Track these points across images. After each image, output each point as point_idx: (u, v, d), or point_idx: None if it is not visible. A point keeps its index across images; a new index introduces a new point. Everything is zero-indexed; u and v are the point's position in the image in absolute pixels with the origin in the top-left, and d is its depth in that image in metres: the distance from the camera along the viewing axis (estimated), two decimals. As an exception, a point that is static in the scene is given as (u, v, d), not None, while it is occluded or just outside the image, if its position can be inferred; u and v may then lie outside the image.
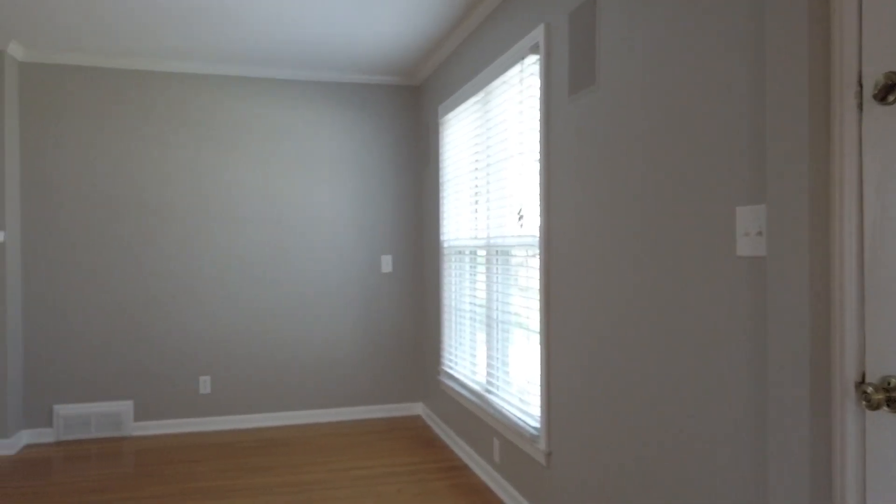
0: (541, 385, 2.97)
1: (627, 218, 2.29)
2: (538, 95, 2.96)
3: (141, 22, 3.92)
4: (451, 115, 4.29)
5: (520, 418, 3.19)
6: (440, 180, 4.61)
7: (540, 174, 2.93)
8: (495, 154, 3.53)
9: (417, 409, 5.23)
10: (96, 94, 4.62)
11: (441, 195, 4.60)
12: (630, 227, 2.27)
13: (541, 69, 2.90)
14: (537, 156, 3.00)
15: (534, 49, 2.99)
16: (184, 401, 4.78)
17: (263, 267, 4.92)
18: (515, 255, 3.30)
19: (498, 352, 3.54)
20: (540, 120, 2.91)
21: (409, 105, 5.21)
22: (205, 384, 4.81)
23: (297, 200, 4.99)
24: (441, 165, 4.58)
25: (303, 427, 4.88)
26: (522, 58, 3.09)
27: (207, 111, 4.81)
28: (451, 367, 4.38)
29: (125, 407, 4.67)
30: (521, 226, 3.19)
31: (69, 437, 4.57)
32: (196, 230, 4.80)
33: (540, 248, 2.94)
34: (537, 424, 3.04)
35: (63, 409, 4.56)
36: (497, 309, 3.56)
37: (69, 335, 4.59)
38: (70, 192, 4.58)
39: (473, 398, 3.81)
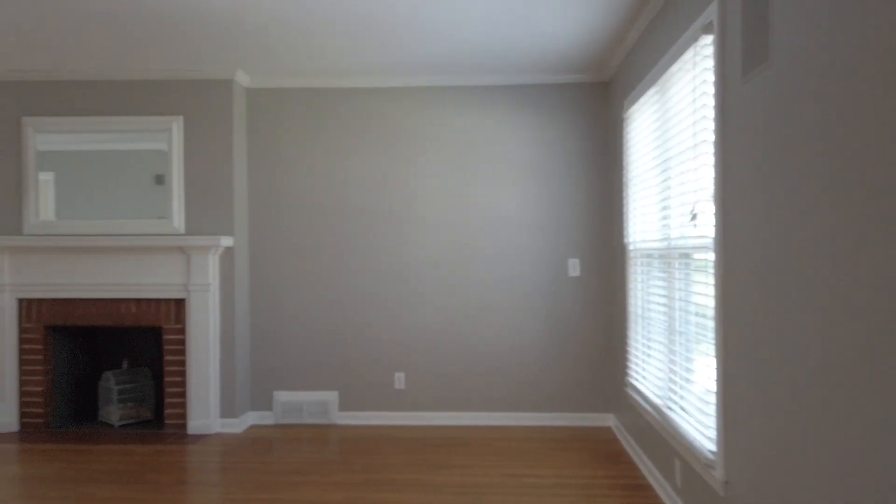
0: (717, 404, 2.64)
1: (805, 215, 1.93)
2: (712, 80, 2.64)
3: (344, 45, 4.26)
4: (633, 109, 4.02)
5: (697, 440, 2.87)
6: (624, 179, 4.35)
7: (714, 167, 2.61)
8: (673, 147, 3.23)
9: (608, 420, 4.98)
10: (309, 112, 5.12)
11: (625, 195, 4.33)
12: (808, 227, 1.92)
13: (714, 50, 2.58)
14: (711, 147, 2.68)
15: (707, 28, 2.67)
16: (380, 395, 5.09)
17: (454, 270, 5.06)
18: (694, 259, 2.98)
19: (678, 365, 3.23)
20: (714, 107, 2.59)
21: (597, 102, 5.00)
22: (399, 380, 5.07)
23: (484, 204, 5.05)
24: (625, 163, 4.32)
25: (486, 428, 4.91)
26: (696, 39, 2.78)
27: (402, 121, 5.08)
28: (636, 379, 4.10)
29: (332, 397, 5.10)
30: (695, 226, 2.87)
31: (285, 420, 5.12)
32: (395, 235, 5.08)
33: (715, 251, 2.62)
34: (714, 448, 2.70)
35: (281, 396, 5.12)
36: (678, 318, 3.25)
37: (287, 330, 5.13)
38: (288, 201, 5.13)
39: (655, 414, 3.52)
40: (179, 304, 4.87)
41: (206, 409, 4.83)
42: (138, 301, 4.89)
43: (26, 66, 4.78)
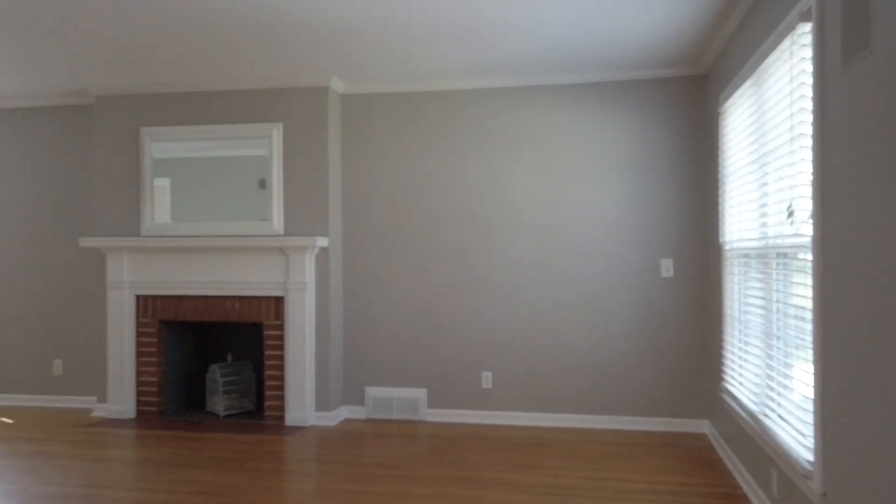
0: (815, 412, 2.50)
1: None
2: (810, 70, 2.51)
3: (433, 49, 4.36)
4: (729, 103, 3.87)
5: (794, 449, 2.73)
6: (719, 176, 4.19)
7: (812, 162, 2.47)
8: (770, 142, 3.09)
9: (703, 426, 4.80)
10: (400, 115, 5.25)
11: (721, 192, 4.17)
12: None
13: (813, 38, 2.45)
14: (809, 141, 2.55)
15: (805, 16, 2.54)
16: (468, 393, 5.14)
17: (542, 270, 5.04)
18: (793, 259, 2.84)
19: (775, 370, 3.08)
20: (812, 98, 2.46)
21: (691, 97, 4.83)
22: (486, 379, 5.11)
23: (574, 204, 4.99)
24: (720, 159, 4.16)
25: (574, 430, 4.85)
26: (793, 28, 2.65)
27: (490, 122, 5.12)
28: (731, 384, 3.93)
29: (420, 394, 5.21)
30: (791, 223, 2.73)
31: (376, 415, 5.27)
32: (483, 235, 5.13)
33: (813, 250, 2.48)
34: (811, 458, 2.56)
35: (372, 392, 5.27)
36: (776, 321, 3.10)
37: (378, 328, 5.28)
38: (379, 203, 5.29)
39: (751, 420, 3.37)
40: (279, 301, 5.12)
41: (302, 402, 5.05)
42: (241, 298, 5.18)
43: (143, 81, 5.18)
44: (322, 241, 5.03)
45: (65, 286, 5.76)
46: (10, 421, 5.27)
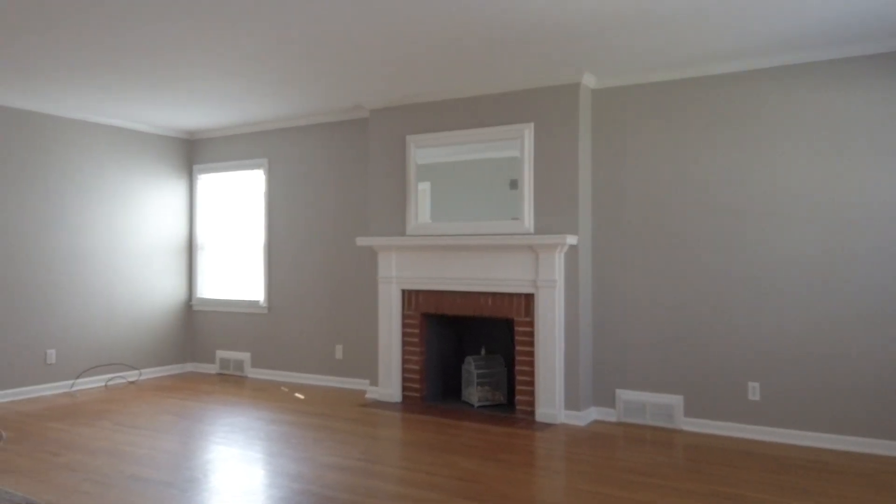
0: None
1: None
2: None
3: (691, 33, 4.10)
4: None
5: None
6: None
7: None
8: None
9: None
10: (654, 107, 5.02)
11: None
12: None
13: None
14: None
15: None
16: (731, 404, 4.72)
17: (821, 271, 4.44)
18: None
19: None
20: None
21: None
22: (753, 391, 4.64)
23: (859, 194, 4.32)
24: None
25: (862, 456, 4.19)
26: None
27: (757, 106, 4.65)
28: None
29: (676, 401, 4.91)
30: None
31: (627, 419, 5.09)
32: (749, 231, 4.68)
33: None
34: None
35: (624, 394, 5.11)
36: None
37: (630, 328, 5.10)
38: (630, 199, 5.11)
39: None
40: (529, 298, 5.21)
41: (552, 399, 5.07)
42: (494, 294, 5.38)
43: (408, 93, 5.65)
44: (572, 239, 5.00)
45: (346, 280, 6.51)
46: (302, 397, 6.11)
